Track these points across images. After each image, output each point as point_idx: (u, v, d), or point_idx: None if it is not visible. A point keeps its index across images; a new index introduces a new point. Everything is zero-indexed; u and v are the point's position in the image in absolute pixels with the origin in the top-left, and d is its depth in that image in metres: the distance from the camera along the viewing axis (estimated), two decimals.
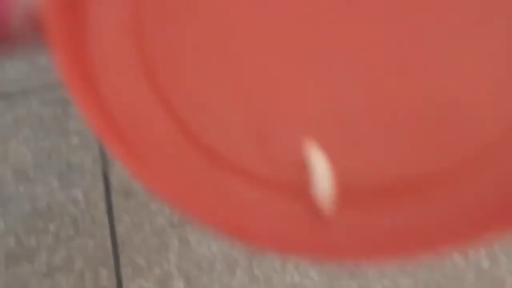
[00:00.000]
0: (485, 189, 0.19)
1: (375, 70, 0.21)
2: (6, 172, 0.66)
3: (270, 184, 0.20)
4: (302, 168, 0.19)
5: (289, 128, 0.20)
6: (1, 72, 0.70)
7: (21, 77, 0.70)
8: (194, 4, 0.23)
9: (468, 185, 0.19)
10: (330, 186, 0.18)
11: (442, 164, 0.19)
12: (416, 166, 0.19)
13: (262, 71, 0.21)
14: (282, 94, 0.21)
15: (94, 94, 0.21)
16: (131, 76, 0.22)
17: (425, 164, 0.19)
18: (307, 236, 0.19)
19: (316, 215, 0.19)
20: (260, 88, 0.21)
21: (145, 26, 0.22)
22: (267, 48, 0.21)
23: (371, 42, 0.21)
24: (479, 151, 0.20)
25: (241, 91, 0.21)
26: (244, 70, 0.21)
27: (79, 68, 0.21)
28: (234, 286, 0.63)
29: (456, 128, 0.20)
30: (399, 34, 0.21)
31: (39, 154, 0.67)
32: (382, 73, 0.21)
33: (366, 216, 0.19)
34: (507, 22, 0.22)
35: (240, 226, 0.19)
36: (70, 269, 0.63)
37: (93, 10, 0.22)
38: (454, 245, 0.17)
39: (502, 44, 0.21)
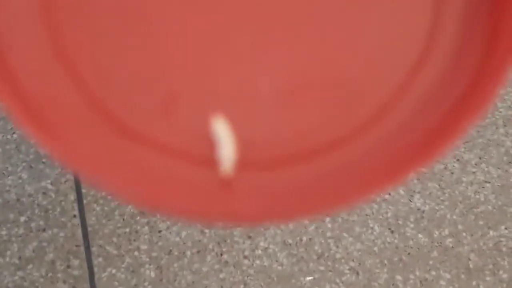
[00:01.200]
0: (369, 152, 0.21)
1: (279, 47, 0.22)
2: None
3: (176, 153, 0.21)
4: (207, 139, 0.21)
5: (197, 102, 0.21)
6: None
7: None
8: None
9: (356, 150, 0.21)
10: (232, 154, 0.20)
11: (334, 133, 0.21)
12: (311, 136, 0.21)
13: (172, 48, 0.22)
14: (192, 70, 0.22)
15: (4, 72, 0.21)
16: (41, 52, 0.22)
17: (319, 134, 0.21)
18: (211, 198, 0.20)
19: (220, 180, 0.20)
20: (169, 64, 0.22)
21: (54, 2, 0.23)
22: (179, 26, 0.22)
23: (276, 21, 0.23)
24: (365, 119, 0.22)
25: (151, 65, 0.22)
26: (155, 45, 0.22)
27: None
28: (205, 272, 0.64)
29: (346, 101, 0.22)
30: (299, 13, 0.23)
31: (8, 145, 0.67)
32: (285, 50, 0.22)
33: (264, 179, 0.21)
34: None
35: (147, 192, 0.20)
36: (42, 260, 0.63)
37: None
38: (346, 198, 0.19)
39: (393, 16, 0.23)
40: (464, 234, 0.66)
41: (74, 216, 0.65)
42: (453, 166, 0.69)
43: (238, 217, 0.20)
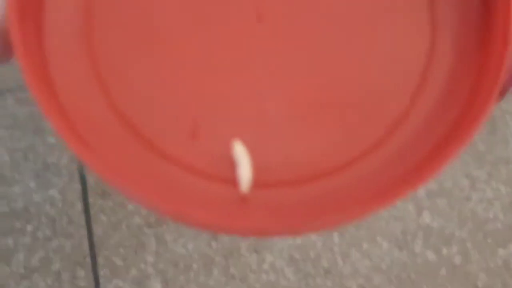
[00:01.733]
0: (374, 172, 0.24)
1: (290, 76, 0.25)
2: None
3: (199, 171, 0.24)
4: (227, 160, 0.24)
5: (218, 127, 0.24)
6: None
7: None
8: (141, 7, 0.26)
9: (361, 169, 0.24)
10: (250, 174, 0.23)
11: (341, 154, 0.24)
12: (321, 157, 0.24)
13: (197, 78, 0.25)
14: (215, 99, 0.25)
15: (50, 92, 0.24)
16: (81, 75, 0.25)
17: (329, 155, 0.24)
18: (230, 212, 0.23)
19: (238, 197, 0.23)
20: (194, 92, 0.25)
21: (95, 29, 0.26)
22: (204, 58, 0.26)
23: (288, 52, 0.26)
24: (372, 140, 0.25)
25: (179, 93, 0.25)
26: (182, 75, 0.25)
27: (37, 70, 0.24)
28: (211, 285, 0.63)
29: (353, 123, 0.25)
30: (310, 32, 0.26)
31: (16, 154, 0.67)
32: (296, 78, 0.25)
33: (278, 196, 0.24)
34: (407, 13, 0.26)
35: (172, 204, 0.22)
36: (48, 270, 0.63)
37: (48, 16, 0.26)
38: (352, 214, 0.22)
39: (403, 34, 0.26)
40: (472, 252, 0.66)
41: (81, 226, 0.65)
42: (463, 183, 0.69)
43: (254, 230, 0.22)
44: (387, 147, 0.25)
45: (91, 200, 0.66)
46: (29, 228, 0.65)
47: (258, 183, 0.24)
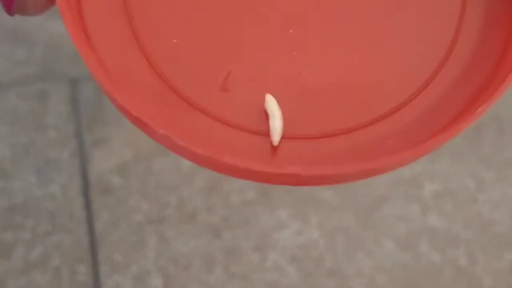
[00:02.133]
0: (393, 132, 0.26)
1: (321, 45, 0.27)
2: None
3: (233, 123, 0.25)
4: (259, 113, 0.25)
5: (251, 82, 0.26)
6: None
7: None
8: None
9: (388, 128, 0.26)
10: (281, 126, 0.25)
11: (371, 113, 0.26)
12: (349, 114, 0.26)
13: (231, 36, 0.26)
14: (247, 55, 0.26)
15: (88, 42, 0.26)
16: (116, 26, 0.27)
17: (356, 113, 0.26)
18: (262, 160, 0.24)
19: (270, 147, 0.25)
20: (228, 49, 0.26)
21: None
22: (239, 18, 0.27)
23: (324, 13, 0.27)
24: (405, 99, 0.26)
25: (212, 49, 0.26)
26: (217, 32, 0.26)
27: (80, 29, 0.26)
28: (212, 283, 0.63)
29: (383, 84, 0.26)
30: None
31: (16, 149, 0.67)
32: (326, 48, 0.27)
33: (305, 147, 0.25)
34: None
35: (203, 147, 0.23)
36: (47, 265, 0.63)
37: None
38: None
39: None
40: (478, 254, 0.66)
41: (82, 222, 0.64)
42: (469, 184, 0.68)
43: (283, 176, 0.23)
44: (414, 108, 0.26)
45: (92, 196, 0.65)
46: (29, 223, 0.64)
47: (288, 135, 0.25)
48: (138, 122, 0.24)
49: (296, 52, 0.26)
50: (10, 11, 0.27)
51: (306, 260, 0.64)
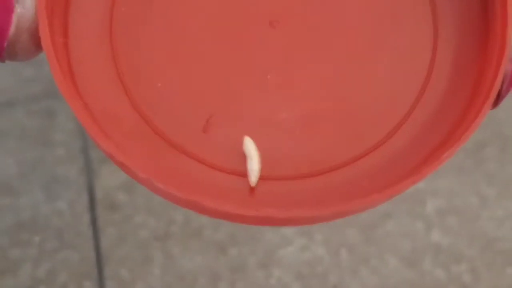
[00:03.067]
0: (373, 170, 0.27)
1: (297, 83, 0.28)
2: None
3: (212, 164, 0.26)
4: (238, 155, 0.26)
5: (230, 124, 0.27)
6: None
7: (6, 88, 0.70)
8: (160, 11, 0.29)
9: (361, 168, 0.27)
10: (258, 167, 0.26)
11: (344, 154, 0.27)
12: (324, 156, 0.26)
13: (211, 80, 0.28)
14: (227, 98, 0.27)
15: (73, 85, 0.27)
16: (101, 71, 0.28)
17: (331, 154, 0.27)
18: (239, 201, 0.25)
19: (247, 188, 0.26)
20: (208, 92, 0.27)
21: (117, 30, 0.28)
22: (218, 60, 0.28)
23: (299, 57, 0.28)
24: (377, 141, 0.27)
25: (193, 92, 0.27)
26: (197, 76, 0.28)
27: (64, 68, 0.26)
28: None
29: (355, 128, 0.27)
30: (320, 38, 0.28)
31: (24, 165, 0.67)
32: (302, 85, 0.28)
33: (283, 187, 0.26)
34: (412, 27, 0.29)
35: (183, 191, 0.24)
36: (54, 282, 0.63)
37: (73, 15, 0.28)
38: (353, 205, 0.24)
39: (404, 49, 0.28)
40: (482, 271, 0.66)
41: (88, 238, 0.65)
42: (473, 201, 0.68)
43: (260, 218, 0.24)
44: (386, 149, 0.27)
45: (98, 212, 0.66)
46: (36, 239, 0.65)
47: (265, 176, 0.26)
48: (121, 165, 0.25)
49: (274, 96, 0.27)
50: (0, 58, 0.28)
51: (310, 277, 0.64)
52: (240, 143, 0.26)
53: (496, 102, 0.27)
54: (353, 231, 0.66)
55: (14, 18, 0.26)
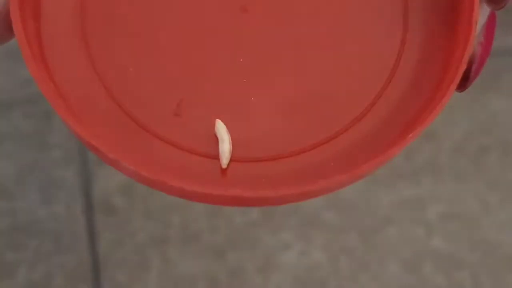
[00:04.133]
0: (344, 150, 0.28)
1: (268, 70, 0.29)
2: None
3: (185, 147, 0.27)
4: (210, 138, 0.27)
5: (202, 108, 0.27)
6: None
7: (3, 89, 0.70)
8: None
9: (329, 151, 0.28)
10: (229, 149, 0.27)
11: (315, 136, 0.27)
12: (295, 137, 0.27)
13: (184, 64, 0.28)
14: (200, 82, 0.28)
15: (46, 70, 0.27)
16: (73, 56, 0.28)
17: (301, 136, 0.28)
18: (211, 182, 0.26)
19: (219, 169, 0.27)
20: (181, 76, 0.28)
21: (89, 14, 0.29)
22: (190, 43, 0.29)
23: (270, 41, 0.29)
24: (345, 125, 0.28)
25: (166, 77, 0.28)
26: (171, 60, 0.28)
27: (35, 51, 0.27)
28: None
29: (325, 111, 0.28)
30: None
31: (21, 167, 0.67)
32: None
33: (254, 169, 0.27)
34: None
35: (153, 171, 0.24)
36: (50, 285, 0.63)
37: (45, 5, 0.28)
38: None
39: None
40: (483, 277, 0.65)
41: (84, 242, 0.64)
42: (474, 206, 0.68)
43: (230, 197, 0.25)
44: (355, 132, 0.28)
45: (95, 216, 0.65)
46: (32, 243, 0.64)
47: (237, 158, 0.27)
48: (90, 147, 0.25)
49: (245, 80, 0.28)
50: None
51: (309, 282, 0.64)
52: (212, 126, 0.27)
53: (465, 85, 0.28)
54: (353, 236, 0.66)
55: None
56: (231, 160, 0.27)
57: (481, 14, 0.28)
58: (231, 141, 0.27)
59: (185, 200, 0.39)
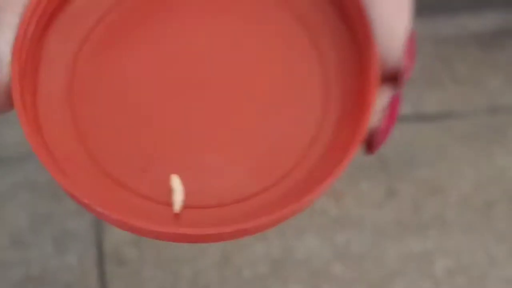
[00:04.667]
0: (280, 199, 0.33)
1: (219, 130, 0.34)
2: (3, 237, 0.67)
3: (146, 197, 0.32)
4: (167, 189, 0.32)
5: (163, 165, 0.33)
6: None
7: (18, 142, 0.71)
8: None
9: (263, 199, 0.33)
10: (181, 198, 0.32)
11: (255, 186, 0.33)
12: (239, 188, 0.33)
13: (152, 127, 0.34)
14: (163, 141, 0.34)
15: (39, 136, 0.32)
16: (63, 126, 0.33)
17: (249, 185, 0.33)
18: (165, 224, 0.31)
19: (173, 215, 0.32)
20: (147, 140, 0.34)
21: (76, 91, 0.34)
22: (156, 107, 0.34)
23: (219, 110, 0.35)
24: (279, 175, 0.33)
25: (134, 140, 0.33)
26: (140, 125, 0.34)
27: (31, 122, 0.32)
28: None
29: (264, 163, 0.34)
30: (235, 90, 0.35)
31: (35, 219, 0.68)
32: (223, 131, 0.34)
33: (205, 214, 0.32)
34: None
35: (125, 217, 0.30)
36: None
37: (42, 77, 0.34)
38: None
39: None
40: None
41: None
42: (482, 260, 0.68)
43: (182, 236, 0.30)
44: (283, 185, 0.33)
45: (107, 267, 0.66)
46: None
47: (189, 205, 0.32)
48: (70, 195, 0.30)
49: (201, 141, 0.34)
50: None
51: None
52: (170, 179, 0.33)
53: (371, 150, 0.33)
54: None
55: None
56: (184, 207, 0.32)
57: (387, 90, 0.32)
58: (184, 191, 0.32)
59: (195, 252, 0.45)
